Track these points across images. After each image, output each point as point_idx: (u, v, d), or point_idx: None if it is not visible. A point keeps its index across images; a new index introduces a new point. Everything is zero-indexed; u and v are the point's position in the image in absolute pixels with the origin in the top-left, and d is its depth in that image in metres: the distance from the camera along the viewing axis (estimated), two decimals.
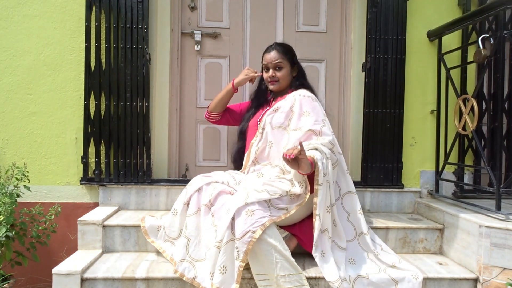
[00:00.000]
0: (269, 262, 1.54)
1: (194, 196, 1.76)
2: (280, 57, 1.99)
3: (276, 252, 1.55)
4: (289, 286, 1.54)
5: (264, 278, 1.55)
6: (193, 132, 2.59)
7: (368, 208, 2.37)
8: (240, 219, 1.55)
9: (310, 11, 2.61)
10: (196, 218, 1.73)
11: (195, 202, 1.75)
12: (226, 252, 1.54)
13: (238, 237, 1.53)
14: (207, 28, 2.55)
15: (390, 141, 2.35)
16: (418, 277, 1.69)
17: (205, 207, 1.72)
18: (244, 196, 1.62)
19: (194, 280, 1.62)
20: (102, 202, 2.28)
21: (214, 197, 1.71)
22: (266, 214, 1.59)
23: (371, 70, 2.33)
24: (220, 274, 1.53)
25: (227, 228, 1.55)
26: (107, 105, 2.25)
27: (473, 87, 2.32)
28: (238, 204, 1.59)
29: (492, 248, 1.72)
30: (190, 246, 1.71)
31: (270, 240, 1.55)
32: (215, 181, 1.79)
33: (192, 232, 1.72)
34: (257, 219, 1.55)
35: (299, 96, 1.93)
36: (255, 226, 1.53)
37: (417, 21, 2.41)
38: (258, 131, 1.96)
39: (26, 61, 2.27)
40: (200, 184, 1.77)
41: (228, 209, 1.60)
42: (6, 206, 1.82)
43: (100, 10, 2.23)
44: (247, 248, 1.51)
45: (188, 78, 2.57)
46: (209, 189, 1.75)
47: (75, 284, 1.65)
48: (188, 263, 1.67)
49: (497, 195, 1.88)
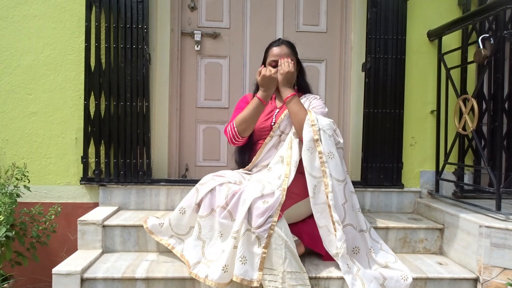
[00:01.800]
0: (277, 257, 1.55)
1: (207, 197, 1.72)
2: (290, 53, 1.97)
3: (286, 248, 1.57)
4: (294, 284, 1.54)
5: (270, 273, 1.56)
6: (193, 132, 2.59)
7: (368, 208, 2.37)
8: (257, 208, 1.59)
9: (310, 11, 2.61)
10: (210, 220, 1.71)
11: (207, 204, 1.72)
12: (244, 243, 1.56)
13: (257, 226, 1.56)
14: (207, 28, 2.56)
15: (390, 141, 2.35)
16: (407, 279, 1.67)
17: (221, 209, 1.69)
18: (260, 188, 1.66)
19: (206, 278, 1.62)
20: (102, 202, 2.28)
21: (230, 197, 1.69)
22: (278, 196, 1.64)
23: (371, 70, 2.33)
24: (242, 265, 1.54)
25: (244, 218, 1.58)
26: (107, 105, 2.24)
27: (473, 87, 2.32)
28: (254, 195, 1.62)
29: (492, 248, 1.72)
30: (206, 248, 1.70)
31: (282, 234, 1.57)
32: (228, 181, 1.77)
33: (206, 234, 1.71)
34: (272, 204, 1.60)
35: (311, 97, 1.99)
36: (273, 211, 1.59)
37: (417, 21, 2.41)
38: (274, 133, 1.93)
39: (26, 61, 2.27)
40: (212, 185, 1.74)
41: (244, 199, 1.63)
42: (6, 206, 1.82)
43: (100, 10, 2.23)
44: (269, 233, 1.55)
45: (188, 78, 2.57)
46: (223, 190, 1.72)
47: (75, 284, 1.65)
48: (204, 264, 1.67)
49: (497, 195, 1.88)
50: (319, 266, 1.77)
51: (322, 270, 1.73)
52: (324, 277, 1.69)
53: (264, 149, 1.95)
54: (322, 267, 1.76)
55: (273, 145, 1.94)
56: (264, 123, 1.98)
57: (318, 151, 1.72)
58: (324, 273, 1.70)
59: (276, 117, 1.98)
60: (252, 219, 1.58)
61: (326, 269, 1.73)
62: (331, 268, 1.74)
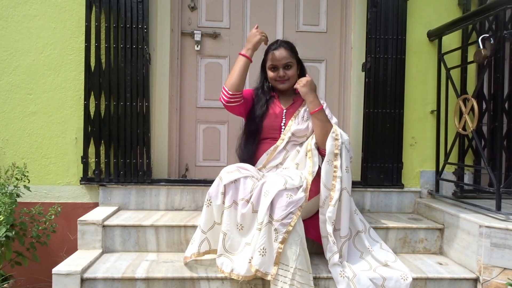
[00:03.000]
0: (292, 253, 1.56)
1: (231, 188, 1.71)
2: (289, 56, 1.96)
3: (300, 245, 1.58)
4: (302, 282, 1.55)
5: (283, 268, 1.56)
6: (193, 132, 2.59)
7: (368, 208, 2.37)
8: (281, 200, 1.60)
9: (310, 11, 2.61)
10: (231, 211, 1.70)
11: (230, 195, 1.70)
12: (265, 234, 1.57)
13: (278, 219, 1.57)
14: (207, 28, 2.56)
15: (390, 141, 2.35)
16: (407, 278, 1.68)
17: (245, 202, 1.69)
18: (283, 181, 1.66)
19: (232, 273, 1.63)
20: (102, 202, 2.28)
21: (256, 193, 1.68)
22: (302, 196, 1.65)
23: (371, 70, 2.33)
24: (260, 256, 1.55)
25: (267, 210, 1.58)
26: (107, 105, 2.24)
27: (473, 87, 2.32)
28: (278, 187, 1.63)
29: (492, 248, 1.72)
30: (227, 241, 1.69)
31: (299, 230, 1.60)
32: (252, 176, 1.77)
33: (227, 227, 1.70)
34: (296, 201, 1.61)
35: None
36: (295, 208, 1.60)
37: (417, 21, 2.41)
38: (286, 136, 1.93)
39: (26, 61, 2.27)
40: (237, 176, 1.73)
41: (267, 190, 1.63)
42: (6, 206, 1.82)
43: (100, 10, 2.23)
44: (287, 229, 1.56)
45: (188, 78, 2.57)
46: (248, 183, 1.72)
47: (75, 284, 1.65)
48: (225, 257, 1.68)
49: (497, 195, 1.88)
50: (319, 266, 1.77)
51: (322, 270, 1.74)
52: (324, 277, 1.69)
53: (275, 151, 1.94)
54: (322, 267, 1.77)
55: (284, 147, 1.94)
56: (274, 122, 1.98)
57: (334, 165, 1.75)
58: (324, 273, 1.71)
59: (286, 118, 1.98)
60: (275, 211, 1.59)
61: (326, 269, 1.73)
62: None
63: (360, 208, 2.34)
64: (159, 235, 1.98)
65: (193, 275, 1.69)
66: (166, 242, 1.98)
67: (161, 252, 1.96)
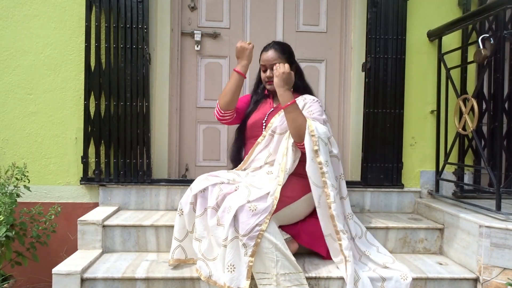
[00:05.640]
0: (269, 260, 1.55)
1: (200, 197, 1.72)
2: (277, 57, 1.93)
3: (277, 251, 1.56)
4: (288, 285, 1.54)
5: (264, 277, 1.55)
6: (193, 132, 2.59)
7: (368, 208, 2.37)
8: (243, 215, 1.57)
9: (310, 11, 2.61)
10: (203, 219, 1.71)
11: (200, 203, 1.72)
12: (231, 251, 1.55)
13: (244, 233, 1.54)
14: (207, 28, 2.56)
15: (390, 141, 2.35)
16: (407, 278, 1.67)
17: (212, 210, 1.68)
18: (246, 194, 1.64)
19: (210, 278, 1.62)
20: (102, 202, 2.28)
21: (220, 199, 1.69)
22: (269, 204, 1.62)
23: (371, 70, 2.33)
24: (229, 273, 1.54)
25: (230, 225, 1.56)
26: (107, 105, 2.24)
27: (473, 87, 2.32)
28: (240, 202, 1.60)
29: (492, 248, 1.72)
30: (202, 246, 1.69)
31: (271, 237, 1.57)
32: (221, 182, 1.75)
33: (201, 233, 1.70)
34: (261, 212, 1.58)
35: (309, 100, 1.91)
36: (261, 219, 1.57)
37: (417, 21, 2.41)
38: (267, 133, 1.90)
39: (26, 61, 2.27)
40: (205, 185, 1.73)
41: (230, 206, 1.61)
42: (6, 206, 1.82)
43: (100, 10, 2.23)
44: (256, 242, 1.54)
45: (188, 78, 2.57)
46: (215, 191, 1.71)
47: (75, 284, 1.65)
48: (202, 261, 1.67)
49: (497, 195, 1.88)
50: (319, 266, 1.77)
51: (322, 270, 1.73)
52: (324, 277, 1.69)
53: (256, 149, 1.92)
54: (322, 267, 1.76)
55: (266, 145, 1.91)
56: (257, 119, 1.97)
57: (318, 162, 1.70)
58: (324, 273, 1.70)
59: (269, 115, 1.95)
60: (239, 226, 1.56)
61: (326, 269, 1.73)
62: (331, 268, 1.75)
63: (360, 208, 2.35)
64: (159, 235, 1.98)
65: (193, 275, 1.69)
66: (166, 242, 1.97)
67: (161, 252, 1.96)
